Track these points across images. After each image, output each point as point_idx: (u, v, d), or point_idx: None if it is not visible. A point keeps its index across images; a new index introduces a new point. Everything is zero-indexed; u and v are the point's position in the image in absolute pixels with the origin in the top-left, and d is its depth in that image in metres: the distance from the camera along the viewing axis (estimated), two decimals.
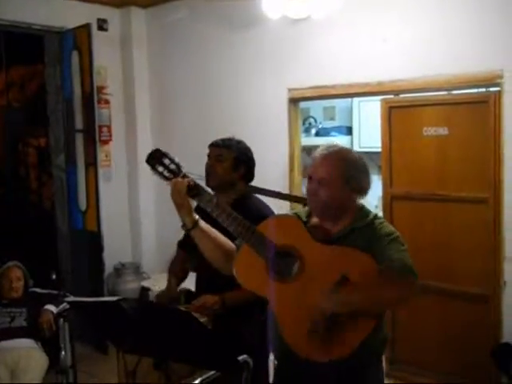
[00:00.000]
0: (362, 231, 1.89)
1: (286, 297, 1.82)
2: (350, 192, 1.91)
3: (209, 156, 2.64)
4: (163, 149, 2.05)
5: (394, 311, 3.79)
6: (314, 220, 1.97)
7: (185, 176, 1.95)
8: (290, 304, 1.80)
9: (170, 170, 1.96)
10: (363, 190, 1.94)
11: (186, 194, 1.92)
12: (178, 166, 1.97)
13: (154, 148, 2.04)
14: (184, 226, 1.98)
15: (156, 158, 1.99)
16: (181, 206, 1.94)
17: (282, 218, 2.01)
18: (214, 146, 2.64)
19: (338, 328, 1.72)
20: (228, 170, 2.57)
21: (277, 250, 1.86)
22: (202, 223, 1.98)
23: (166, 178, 1.96)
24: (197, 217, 1.97)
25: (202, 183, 1.98)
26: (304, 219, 1.99)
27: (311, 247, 1.85)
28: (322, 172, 1.89)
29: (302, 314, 1.76)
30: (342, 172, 1.88)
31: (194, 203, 2.00)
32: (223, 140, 2.63)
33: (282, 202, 3.16)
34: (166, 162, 1.97)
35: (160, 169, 1.97)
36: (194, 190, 1.93)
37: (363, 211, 1.96)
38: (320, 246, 1.86)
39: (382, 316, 1.87)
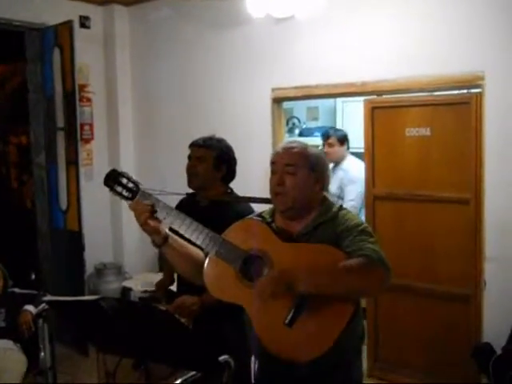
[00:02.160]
0: (328, 225, 1.88)
1: (259, 301, 1.79)
2: (314, 183, 1.91)
3: (189, 156, 2.62)
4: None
5: (377, 311, 3.81)
6: (279, 219, 1.96)
7: (143, 193, 1.92)
8: (265, 308, 1.78)
9: (128, 189, 1.93)
10: (325, 182, 1.96)
11: (148, 215, 1.88)
12: (135, 184, 1.93)
13: (110, 169, 1.99)
14: (153, 242, 1.97)
15: (113, 179, 1.94)
16: (146, 227, 1.91)
17: (246, 222, 1.98)
18: (194, 146, 2.61)
19: (314, 323, 1.71)
20: (209, 170, 2.55)
21: (245, 255, 1.85)
22: (172, 239, 1.96)
23: (126, 198, 1.93)
24: (165, 232, 1.94)
25: (162, 198, 1.96)
26: (268, 219, 1.98)
27: (279, 248, 1.84)
28: (288, 159, 1.91)
29: (277, 315, 1.74)
30: (306, 160, 1.90)
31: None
32: (204, 140, 2.61)
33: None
34: (124, 181, 1.93)
35: (119, 189, 1.93)
36: (152, 208, 1.90)
37: (327, 204, 1.95)
38: (287, 245, 1.85)
39: (358, 311, 1.86)
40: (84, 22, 4.99)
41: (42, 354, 3.48)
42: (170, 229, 1.96)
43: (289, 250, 1.83)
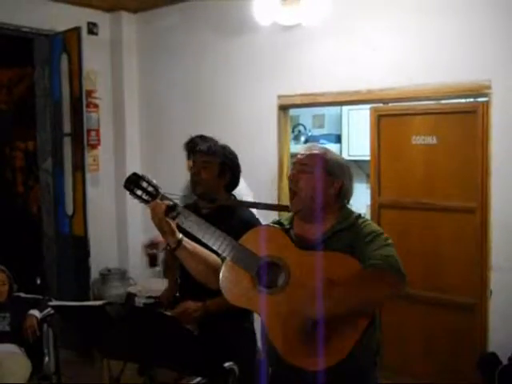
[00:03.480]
0: (345, 233, 1.88)
1: (275, 308, 1.80)
2: (329, 187, 1.92)
3: (194, 163, 2.61)
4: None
5: (381, 318, 3.79)
6: (297, 224, 1.97)
7: (163, 197, 1.94)
8: (280, 315, 1.79)
9: (148, 193, 1.95)
10: (344, 191, 1.95)
11: (164, 216, 1.92)
12: (155, 187, 1.96)
13: (131, 172, 2.01)
14: (168, 245, 1.99)
15: (133, 182, 1.97)
16: (162, 229, 1.94)
17: (263, 229, 2.00)
18: (198, 152, 2.60)
19: (329, 334, 1.71)
20: (213, 176, 2.53)
21: (261, 261, 1.85)
22: (186, 242, 1.98)
23: (145, 201, 1.96)
24: (180, 236, 1.97)
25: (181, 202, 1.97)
26: (287, 226, 1.99)
27: (295, 255, 1.84)
28: (305, 159, 1.93)
29: (292, 323, 1.74)
30: (324, 163, 1.91)
31: None
32: (208, 146, 2.59)
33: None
34: (144, 184, 1.96)
35: (138, 192, 1.96)
36: (172, 211, 1.93)
37: (345, 212, 1.96)
38: (304, 253, 1.85)
39: (375, 319, 1.85)
40: (92, 28, 5.02)
41: (47, 358, 3.49)
42: (182, 232, 1.97)
43: (305, 258, 1.84)
